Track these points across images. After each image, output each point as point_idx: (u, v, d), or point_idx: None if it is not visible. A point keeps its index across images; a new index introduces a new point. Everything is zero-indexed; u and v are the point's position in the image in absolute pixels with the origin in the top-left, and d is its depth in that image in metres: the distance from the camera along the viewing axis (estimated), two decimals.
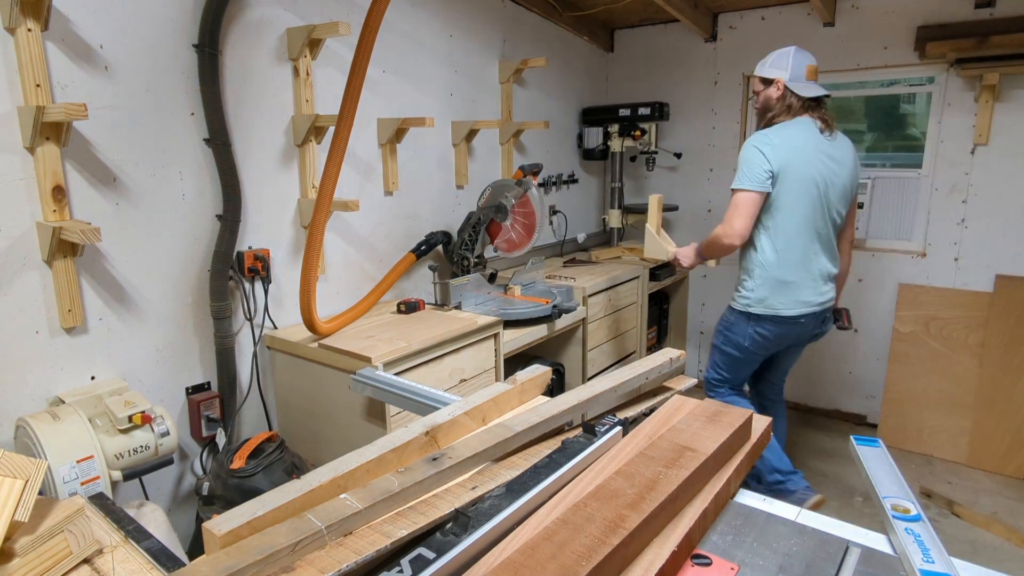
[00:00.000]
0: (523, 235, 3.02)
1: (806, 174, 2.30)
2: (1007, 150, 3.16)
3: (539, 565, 0.78)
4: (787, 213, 2.32)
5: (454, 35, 2.96)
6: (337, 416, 2.15)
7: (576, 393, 1.33)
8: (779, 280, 2.37)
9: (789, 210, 2.32)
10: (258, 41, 2.16)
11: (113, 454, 1.62)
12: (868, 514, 2.86)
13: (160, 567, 0.97)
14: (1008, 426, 3.16)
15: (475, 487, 1.05)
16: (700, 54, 3.95)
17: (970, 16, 3.12)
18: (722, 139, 3.97)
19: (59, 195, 1.67)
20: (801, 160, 2.29)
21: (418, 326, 2.31)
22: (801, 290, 2.38)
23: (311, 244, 2.08)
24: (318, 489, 0.96)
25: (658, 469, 0.99)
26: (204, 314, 2.09)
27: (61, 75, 1.68)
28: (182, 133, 1.97)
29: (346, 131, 2.06)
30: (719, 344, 2.62)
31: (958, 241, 3.35)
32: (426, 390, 1.75)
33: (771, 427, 1.27)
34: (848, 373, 3.77)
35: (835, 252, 2.47)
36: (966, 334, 3.30)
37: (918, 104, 3.49)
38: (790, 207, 2.31)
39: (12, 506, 0.86)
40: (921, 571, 0.88)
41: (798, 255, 2.36)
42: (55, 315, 1.73)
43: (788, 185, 2.30)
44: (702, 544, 0.96)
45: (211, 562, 0.82)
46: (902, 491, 1.06)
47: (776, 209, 2.33)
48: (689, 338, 4.31)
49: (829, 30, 3.52)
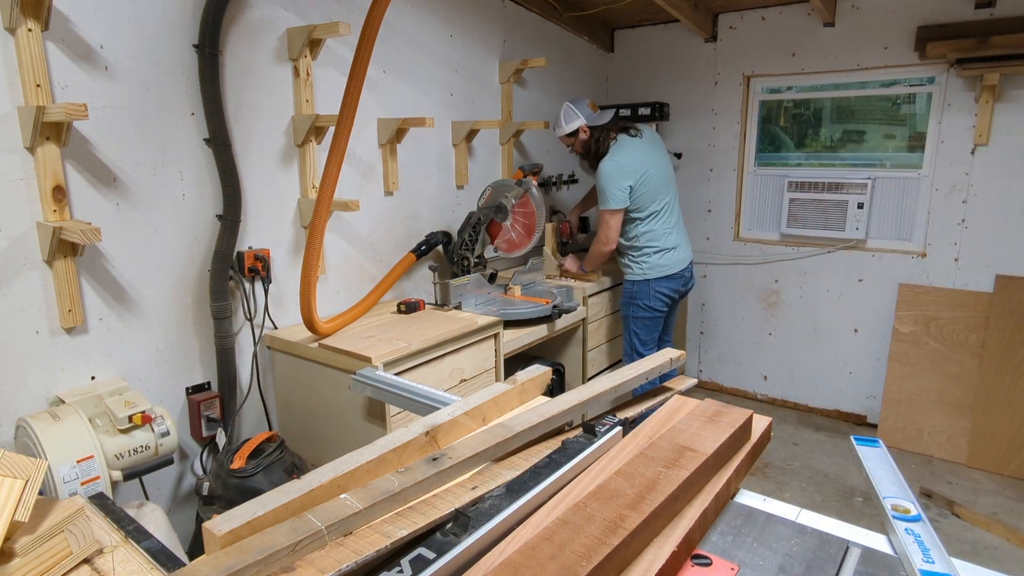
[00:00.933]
0: (523, 235, 3.03)
1: (651, 171, 2.96)
2: (1007, 150, 3.16)
3: (539, 565, 0.78)
4: (651, 201, 2.98)
5: (454, 35, 2.96)
6: (337, 416, 2.15)
7: (576, 393, 1.33)
8: (661, 248, 3.03)
9: (650, 199, 2.98)
10: (258, 41, 2.16)
11: (113, 454, 1.62)
12: (868, 514, 2.86)
13: (160, 567, 0.97)
14: (1008, 426, 3.16)
15: (475, 487, 1.05)
16: (700, 54, 3.95)
17: (970, 16, 3.12)
18: (722, 139, 3.97)
19: (59, 195, 1.67)
20: (643, 163, 2.94)
21: (418, 326, 2.31)
22: (677, 251, 3.06)
23: (311, 244, 2.08)
24: (318, 489, 0.96)
25: (658, 469, 0.99)
26: (204, 314, 2.09)
27: (61, 75, 1.68)
28: (182, 133, 1.97)
29: (346, 131, 2.06)
30: (632, 315, 3.10)
31: (958, 241, 3.35)
32: (426, 390, 1.75)
33: (771, 426, 1.27)
34: (848, 373, 3.77)
35: (681, 219, 3.16)
36: (966, 334, 3.30)
37: (918, 104, 3.49)
38: (651, 196, 2.98)
39: (12, 506, 0.86)
40: (921, 571, 0.88)
41: (669, 226, 3.04)
42: (55, 315, 1.73)
43: (645, 183, 2.94)
44: (702, 544, 0.96)
45: (211, 562, 0.82)
46: (902, 491, 1.06)
47: (644, 201, 2.97)
48: (689, 338, 4.31)
49: (829, 30, 3.52)
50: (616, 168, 2.89)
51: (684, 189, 4.12)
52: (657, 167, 2.98)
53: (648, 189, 2.94)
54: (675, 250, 3.04)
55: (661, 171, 3.01)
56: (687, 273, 3.12)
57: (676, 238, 3.05)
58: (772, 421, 1.28)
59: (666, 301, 3.09)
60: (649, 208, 2.98)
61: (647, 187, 2.94)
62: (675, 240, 3.04)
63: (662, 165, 3.03)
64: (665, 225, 3.02)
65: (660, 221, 3.01)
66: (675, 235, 3.05)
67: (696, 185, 4.11)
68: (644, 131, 3.04)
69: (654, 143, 3.07)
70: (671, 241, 3.03)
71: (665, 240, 3.02)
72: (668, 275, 3.04)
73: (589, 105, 3.01)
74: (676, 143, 4.10)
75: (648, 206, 2.97)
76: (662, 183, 3.00)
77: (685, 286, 3.15)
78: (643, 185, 2.92)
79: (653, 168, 2.95)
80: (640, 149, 2.95)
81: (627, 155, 2.92)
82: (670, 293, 3.08)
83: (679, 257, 3.05)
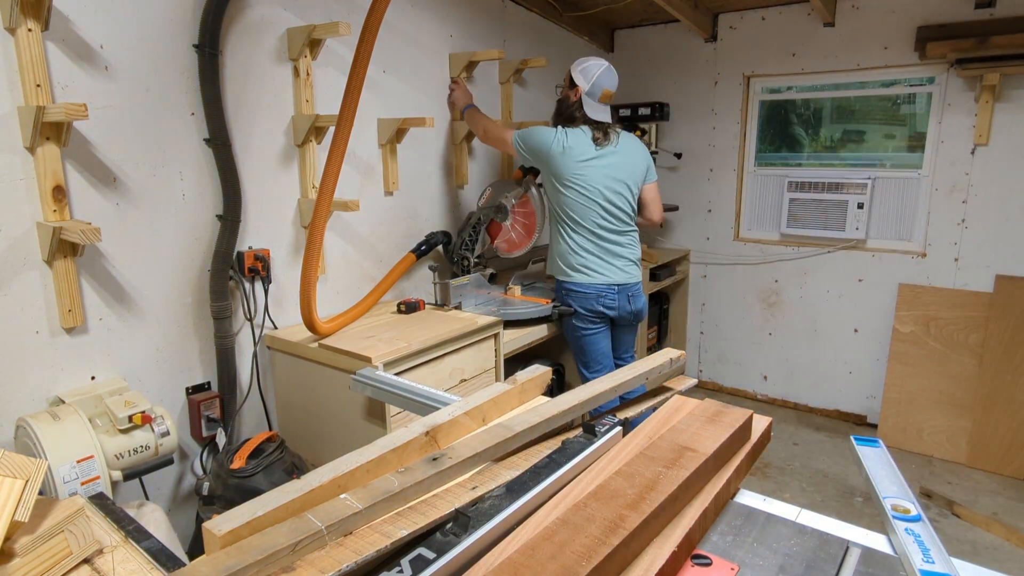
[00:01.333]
0: (523, 235, 3.03)
1: (589, 179, 2.57)
2: (1007, 150, 3.16)
3: (539, 565, 0.78)
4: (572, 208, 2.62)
5: (454, 35, 2.96)
6: (337, 416, 2.15)
7: (576, 393, 1.33)
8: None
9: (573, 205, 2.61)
10: (258, 41, 2.16)
11: (113, 454, 1.62)
12: (868, 514, 2.86)
13: (160, 567, 0.97)
14: (1008, 426, 3.16)
15: (475, 487, 1.05)
16: (700, 54, 3.95)
17: (970, 16, 3.12)
18: (722, 139, 3.97)
19: (59, 195, 1.67)
20: (581, 167, 2.54)
21: (418, 326, 2.31)
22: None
23: (311, 244, 2.08)
24: (318, 489, 0.95)
25: (658, 469, 0.99)
26: (204, 314, 2.09)
27: (61, 75, 1.68)
28: (182, 133, 1.97)
29: (346, 131, 2.06)
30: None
31: (958, 241, 3.35)
32: (426, 390, 1.75)
33: (771, 426, 1.27)
34: (848, 373, 3.77)
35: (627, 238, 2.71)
36: (966, 334, 3.30)
37: (918, 104, 3.49)
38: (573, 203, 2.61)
39: (12, 506, 0.86)
40: (921, 571, 0.88)
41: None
42: (55, 315, 1.73)
43: (570, 178, 2.56)
44: (702, 544, 0.96)
45: (211, 562, 0.82)
46: (902, 491, 1.06)
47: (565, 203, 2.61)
48: (689, 338, 4.31)
49: (829, 30, 3.52)
50: (553, 134, 2.53)
51: (684, 189, 4.13)
52: (605, 181, 2.55)
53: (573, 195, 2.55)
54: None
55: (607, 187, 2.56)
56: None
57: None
58: (772, 421, 1.28)
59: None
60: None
61: (572, 190, 2.53)
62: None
63: (610, 186, 2.57)
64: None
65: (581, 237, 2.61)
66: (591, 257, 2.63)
67: (696, 185, 4.11)
68: (619, 149, 2.60)
69: (617, 167, 2.58)
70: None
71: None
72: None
73: (604, 92, 2.57)
74: (676, 143, 4.10)
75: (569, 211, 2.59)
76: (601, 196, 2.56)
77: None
78: (565, 175, 2.52)
79: (593, 179, 2.53)
80: (596, 156, 2.54)
81: (576, 140, 2.53)
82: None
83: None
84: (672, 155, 4.04)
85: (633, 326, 2.85)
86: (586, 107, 2.56)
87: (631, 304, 2.71)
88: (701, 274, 4.18)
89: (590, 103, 2.56)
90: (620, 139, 2.63)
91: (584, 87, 2.55)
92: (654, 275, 3.64)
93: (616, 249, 2.64)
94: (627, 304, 2.69)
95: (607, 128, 2.60)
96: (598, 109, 2.59)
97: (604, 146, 2.56)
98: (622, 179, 2.60)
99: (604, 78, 2.56)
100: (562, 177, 2.54)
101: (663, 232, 4.28)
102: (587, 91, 2.55)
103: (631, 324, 2.82)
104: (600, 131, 2.57)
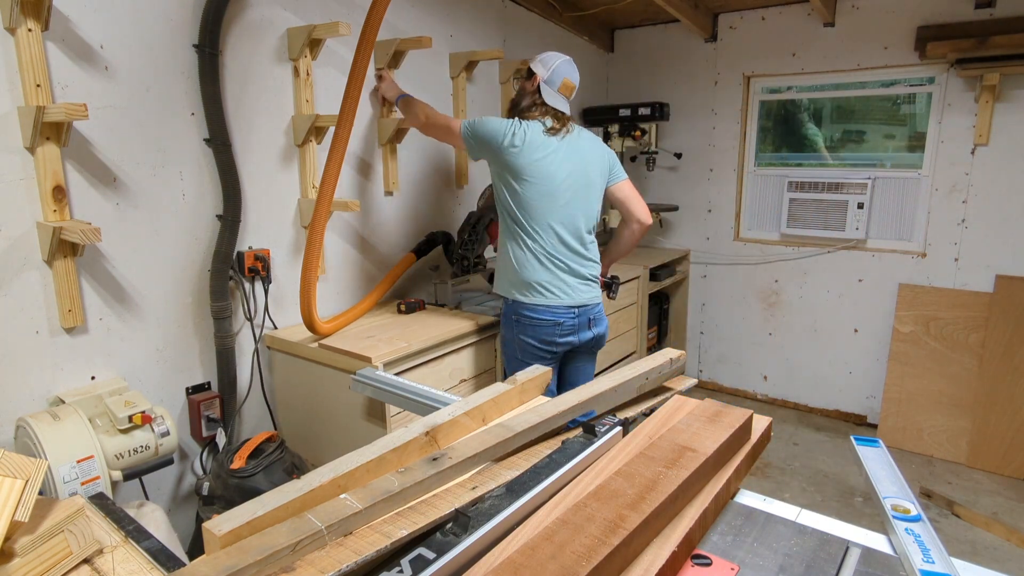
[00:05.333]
0: None
1: (549, 179, 2.26)
2: (1007, 150, 3.16)
3: (539, 565, 0.78)
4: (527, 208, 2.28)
5: (454, 35, 2.96)
6: (337, 416, 2.15)
7: (576, 393, 1.33)
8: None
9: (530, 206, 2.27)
10: (258, 41, 2.16)
11: (113, 454, 1.62)
12: (868, 514, 2.86)
13: (160, 567, 0.97)
14: (1008, 426, 3.16)
15: (475, 487, 1.05)
16: (700, 54, 3.95)
17: (970, 16, 3.12)
18: (722, 139, 3.97)
19: (59, 195, 1.67)
20: (541, 166, 2.24)
21: (418, 326, 2.31)
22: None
23: (311, 244, 2.08)
24: (318, 489, 0.95)
25: (658, 469, 0.99)
26: (204, 314, 2.09)
27: (61, 75, 1.68)
28: (182, 133, 1.97)
29: (346, 131, 2.06)
30: None
31: (958, 241, 3.35)
32: (426, 390, 1.75)
33: (771, 426, 1.27)
34: (848, 373, 3.77)
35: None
36: (966, 334, 3.30)
37: (918, 104, 3.49)
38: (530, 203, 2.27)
39: (12, 506, 0.86)
40: (921, 571, 0.88)
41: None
42: (55, 315, 1.73)
43: (524, 178, 2.25)
44: (702, 544, 0.96)
45: (211, 562, 0.82)
46: (902, 491, 1.06)
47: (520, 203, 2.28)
48: (689, 338, 4.31)
49: (829, 30, 3.52)
50: (508, 124, 2.23)
51: (684, 189, 4.13)
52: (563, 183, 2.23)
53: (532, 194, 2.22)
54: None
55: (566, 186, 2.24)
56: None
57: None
58: (772, 421, 1.28)
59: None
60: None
61: (530, 190, 2.21)
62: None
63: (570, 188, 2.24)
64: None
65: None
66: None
67: (696, 185, 4.11)
68: (580, 142, 2.30)
69: (579, 160, 2.27)
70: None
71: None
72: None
73: (564, 83, 2.29)
74: (676, 143, 4.10)
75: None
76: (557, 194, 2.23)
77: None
78: (518, 175, 2.20)
79: (554, 177, 2.22)
80: (555, 148, 2.22)
81: (534, 131, 2.21)
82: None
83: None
84: (672, 155, 4.04)
85: (593, 353, 2.46)
86: (544, 95, 2.28)
87: (592, 328, 2.33)
88: (701, 274, 4.18)
89: (548, 91, 2.29)
90: (580, 133, 2.34)
91: (543, 75, 2.30)
92: (654, 275, 3.64)
93: (576, 260, 2.27)
94: (587, 329, 2.31)
95: (566, 119, 2.30)
96: (557, 98, 2.30)
97: (564, 137, 2.26)
98: (585, 172, 2.28)
99: (564, 68, 2.31)
100: (519, 171, 2.21)
101: (663, 232, 4.28)
102: (545, 79, 2.30)
103: (591, 351, 2.43)
104: (559, 121, 2.28)
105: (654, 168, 3.96)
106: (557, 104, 2.29)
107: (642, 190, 4.29)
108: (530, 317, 2.24)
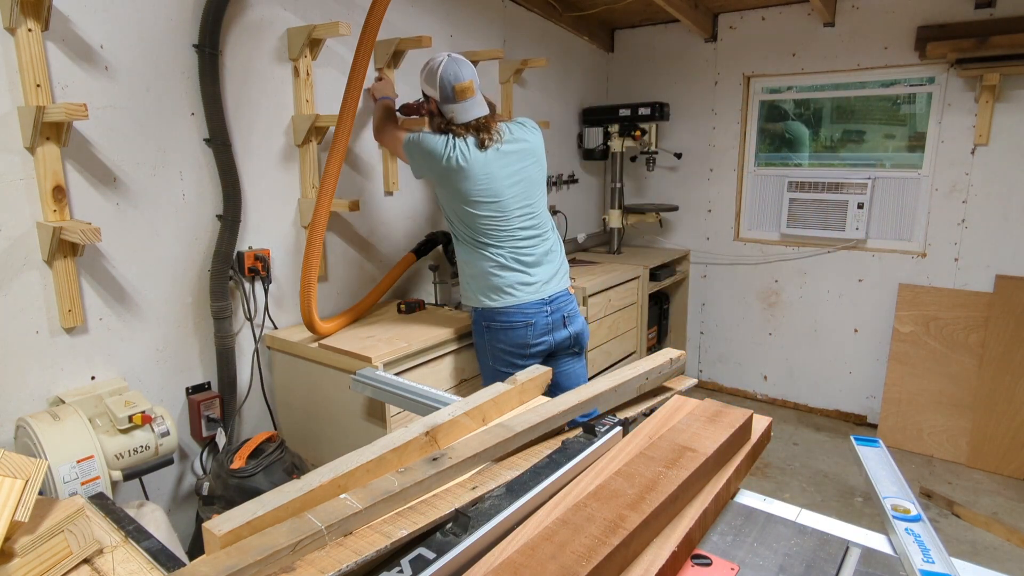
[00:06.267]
0: None
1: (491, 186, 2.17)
2: (1007, 150, 3.16)
3: (539, 565, 0.78)
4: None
5: (454, 35, 2.96)
6: (337, 416, 2.15)
7: (576, 393, 1.33)
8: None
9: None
10: (258, 41, 2.16)
11: (113, 454, 1.62)
12: (868, 514, 2.86)
13: (160, 567, 0.97)
14: (1008, 426, 3.16)
15: (475, 487, 1.05)
16: (700, 54, 3.95)
17: (970, 16, 3.12)
18: (722, 139, 3.97)
19: (59, 195, 1.67)
20: (487, 182, 2.15)
21: (418, 326, 2.31)
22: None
23: (311, 244, 2.08)
24: (318, 489, 0.96)
25: (658, 469, 0.99)
26: (204, 314, 2.09)
27: (61, 75, 1.68)
28: (182, 133, 1.97)
29: (346, 131, 2.06)
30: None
31: (958, 241, 3.35)
32: (426, 390, 1.75)
33: (771, 426, 1.27)
34: (848, 373, 3.77)
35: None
36: (966, 334, 3.30)
37: (918, 104, 3.49)
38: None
39: (12, 506, 0.86)
40: (921, 571, 0.88)
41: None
42: (55, 315, 1.73)
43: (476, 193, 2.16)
44: (702, 544, 0.96)
45: (211, 562, 0.82)
46: (902, 491, 1.06)
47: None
48: (689, 338, 4.31)
49: (829, 30, 3.52)
50: (444, 142, 2.08)
51: (684, 189, 4.13)
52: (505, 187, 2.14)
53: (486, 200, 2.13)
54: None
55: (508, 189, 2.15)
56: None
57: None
58: (772, 421, 1.28)
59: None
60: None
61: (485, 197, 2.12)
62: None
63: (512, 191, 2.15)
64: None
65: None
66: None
67: (696, 185, 4.11)
68: (516, 140, 2.18)
69: (522, 161, 2.18)
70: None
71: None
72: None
73: (456, 89, 2.07)
74: (676, 143, 4.10)
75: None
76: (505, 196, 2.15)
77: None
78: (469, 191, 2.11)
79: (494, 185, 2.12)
80: (495, 158, 2.12)
81: (472, 147, 2.09)
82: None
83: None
84: (672, 155, 4.04)
85: (576, 354, 2.37)
86: (450, 115, 2.10)
87: (567, 327, 2.26)
88: (701, 274, 4.18)
89: (451, 108, 2.09)
90: (511, 131, 2.19)
91: (435, 95, 2.10)
92: (654, 275, 3.63)
93: (539, 255, 2.22)
94: (562, 328, 2.24)
95: (491, 124, 2.13)
96: (466, 109, 2.10)
97: (499, 147, 2.12)
98: (525, 173, 2.18)
99: (448, 74, 2.07)
100: (466, 196, 2.10)
101: (663, 232, 4.28)
102: (440, 99, 2.09)
103: (571, 352, 2.34)
104: (483, 132, 2.11)
105: (654, 168, 3.96)
106: (469, 116, 2.10)
107: (642, 190, 4.31)
108: (501, 321, 2.18)
